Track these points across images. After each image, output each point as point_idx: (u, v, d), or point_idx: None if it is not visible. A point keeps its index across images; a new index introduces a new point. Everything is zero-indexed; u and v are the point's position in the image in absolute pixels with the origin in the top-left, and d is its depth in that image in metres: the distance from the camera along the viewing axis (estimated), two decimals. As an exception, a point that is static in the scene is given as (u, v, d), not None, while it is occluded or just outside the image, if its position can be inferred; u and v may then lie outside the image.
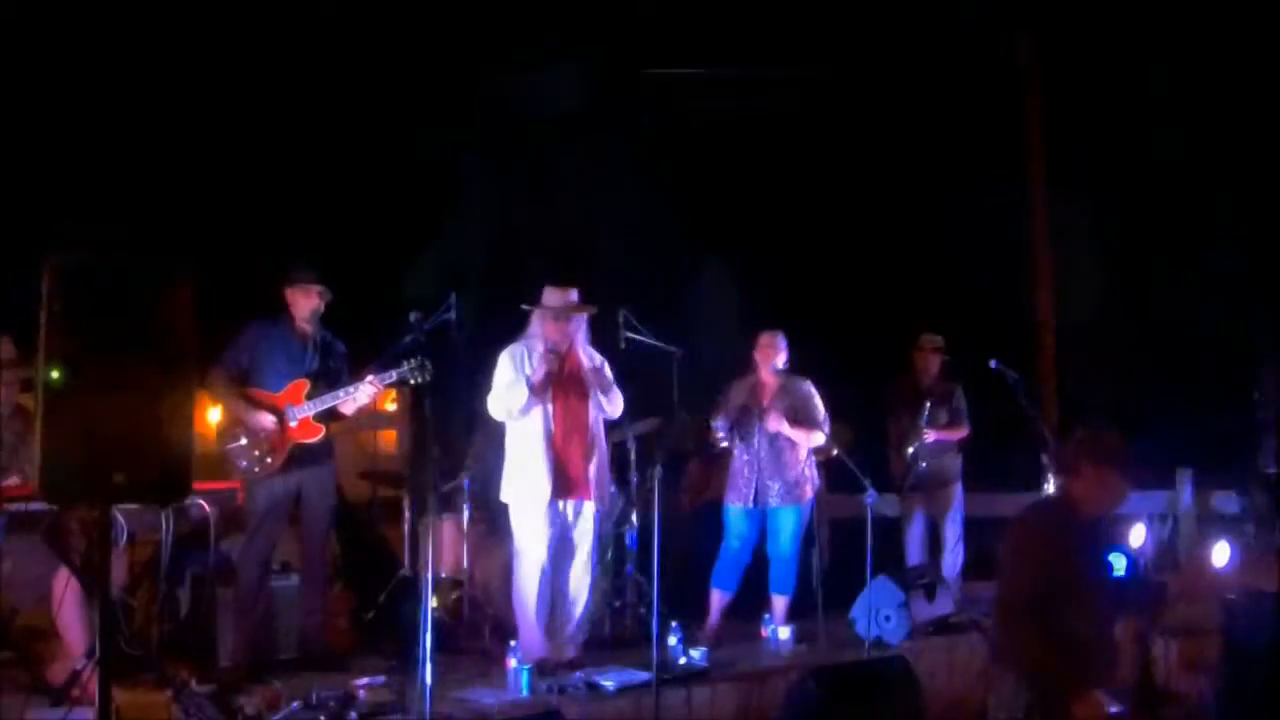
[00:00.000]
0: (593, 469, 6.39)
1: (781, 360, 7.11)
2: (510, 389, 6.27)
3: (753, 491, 7.05)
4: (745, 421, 7.07)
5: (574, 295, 6.42)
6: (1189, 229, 10.75)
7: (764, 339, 7.18)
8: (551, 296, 6.40)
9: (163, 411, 3.73)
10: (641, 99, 10.44)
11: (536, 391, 6.25)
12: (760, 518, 7.10)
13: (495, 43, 9.64)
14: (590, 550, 6.43)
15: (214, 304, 4.24)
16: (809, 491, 7.11)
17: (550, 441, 6.29)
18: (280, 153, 9.09)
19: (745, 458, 7.10)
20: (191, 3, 8.48)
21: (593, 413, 6.42)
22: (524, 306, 6.45)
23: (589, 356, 6.49)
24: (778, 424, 7.00)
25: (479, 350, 6.69)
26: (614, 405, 6.47)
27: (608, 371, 6.51)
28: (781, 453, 7.06)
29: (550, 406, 6.32)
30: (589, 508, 6.40)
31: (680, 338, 7.31)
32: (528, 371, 6.29)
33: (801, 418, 7.05)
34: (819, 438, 7.08)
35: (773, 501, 7.03)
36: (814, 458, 7.21)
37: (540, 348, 6.33)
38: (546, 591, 6.29)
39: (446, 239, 9.45)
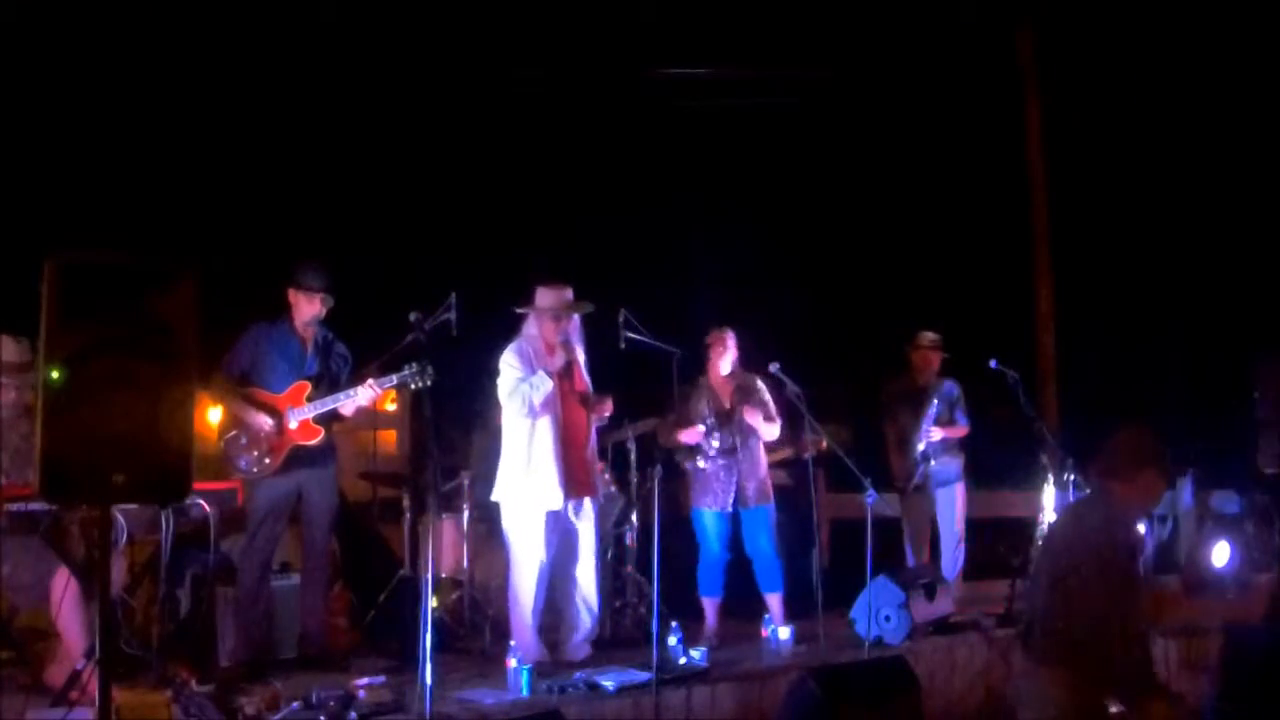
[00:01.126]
0: (592, 466, 6.44)
1: (728, 362, 7.10)
2: (531, 382, 6.22)
3: (731, 495, 7.04)
4: (727, 425, 7.06)
5: (569, 294, 6.41)
6: (1189, 228, 10.76)
7: (715, 337, 7.16)
8: (545, 297, 6.39)
9: (163, 411, 3.73)
10: (642, 98, 10.44)
11: (558, 379, 6.24)
12: (732, 519, 7.09)
13: (497, 42, 9.65)
14: (595, 547, 6.44)
15: (217, 303, 4.24)
16: (771, 486, 7.17)
17: (560, 442, 6.28)
18: (282, 152, 9.10)
19: (721, 462, 7.07)
20: (197, 2, 8.48)
21: (589, 414, 6.45)
22: (518, 310, 6.43)
23: (581, 359, 6.51)
24: (753, 416, 7.00)
25: (478, 350, 6.69)
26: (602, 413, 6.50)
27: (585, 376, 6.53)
28: (754, 453, 7.07)
29: (559, 407, 6.31)
30: (589, 504, 6.43)
31: (679, 337, 7.31)
32: (538, 365, 6.27)
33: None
34: (775, 429, 7.11)
35: (750, 503, 7.04)
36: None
37: (539, 346, 6.33)
38: (544, 594, 6.29)
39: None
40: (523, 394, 6.22)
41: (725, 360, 7.12)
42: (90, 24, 8.16)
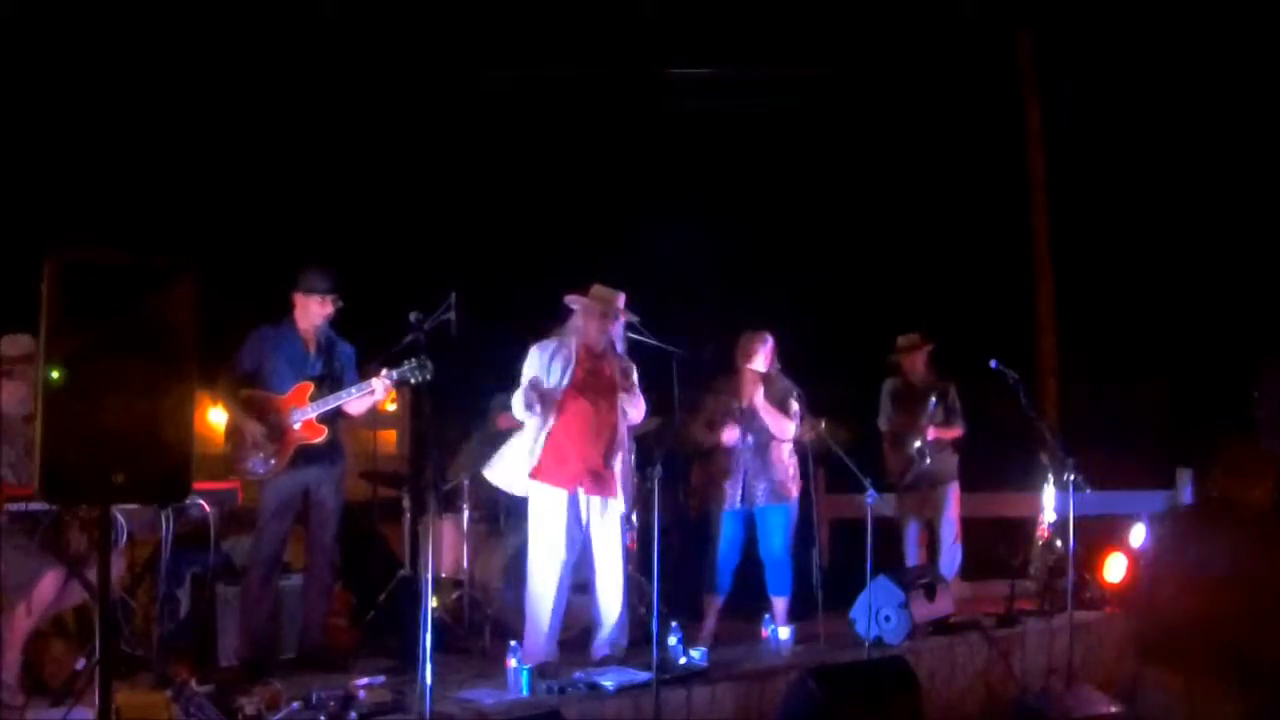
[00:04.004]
0: (618, 468, 6.39)
1: (761, 360, 7.06)
2: (525, 395, 6.21)
3: (739, 492, 7.03)
4: (725, 417, 7.05)
5: (621, 299, 6.41)
6: (1189, 228, 10.76)
7: (744, 339, 7.13)
8: (601, 291, 6.38)
9: (163, 411, 3.73)
10: (642, 98, 10.44)
11: (545, 403, 6.20)
12: (747, 518, 7.09)
13: (498, 43, 9.66)
14: (620, 551, 6.41)
15: (220, 304, 4.23)
16: (794, 490, 7.10)
17: (579, 438, 6.27)
18: (285, 153, 9.10)
19: (731, 459, 7.07)
20: (197, 3, 8.49)
21: (619, 415, 6.41)
22: (570, 298, 6.39)
23: (622, 361, 6.47)
24: (766, 410, 6.95)
25: (478, 350, 6.68)
26: (638, 411, 6.47)
27: (635, 377, 6.50)
28: (768, 452, 7.04)
29: (583, 403, 6.29)
30: (614, 505, 6.39)
31: (679, 336, 7.31)
32: (554, 375, 6.24)
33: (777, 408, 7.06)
34: (790, 428, 7.04)
35: (759, 501, 7.02)
36: (796, 455, 7.19)
37: (574, 343, 6.31)
38: (565, 596, 6.28)
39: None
40: (521, 397, 6.23)
41: (758, 360, 7.08)
42: (91, 24, 8.16)
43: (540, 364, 6.29)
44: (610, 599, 6.40)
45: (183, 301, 3.79)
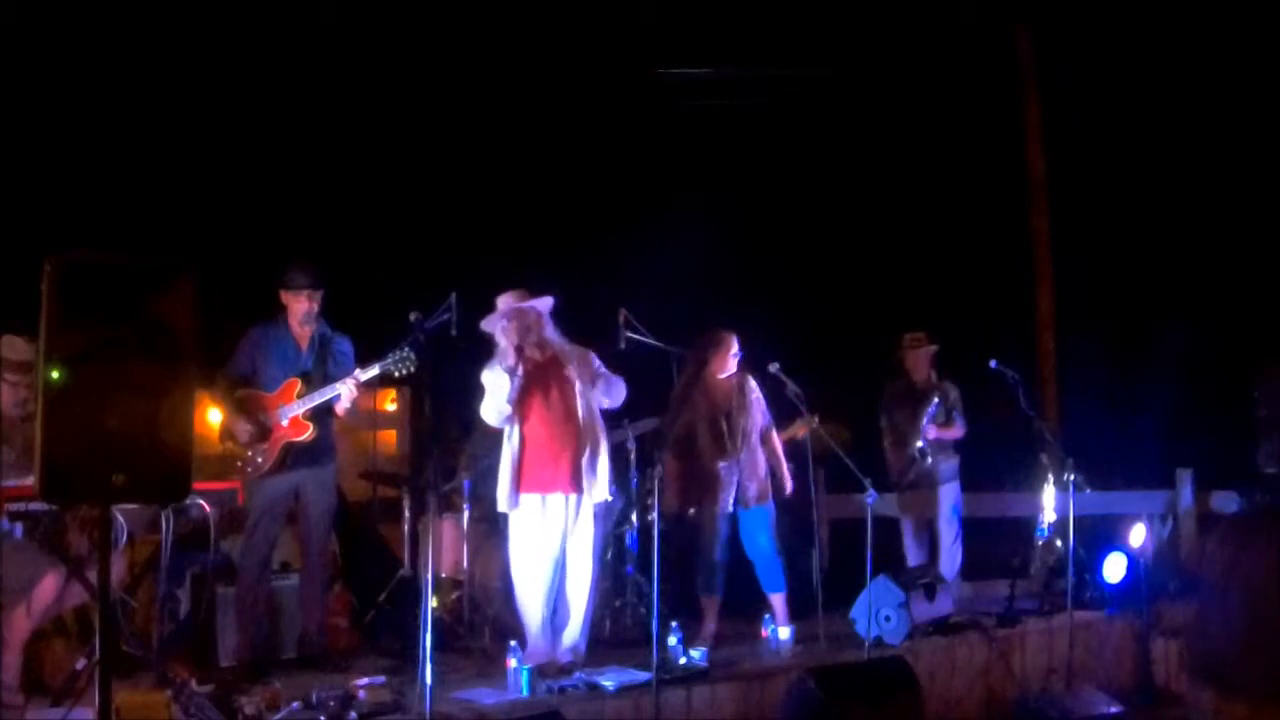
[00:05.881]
0: (585, 463, 6.28)
1: (735, 362, 7.07)
2: (497, 389, 6.17)
3: (732, 495, 7.01)
4: (715, 431, 7.06)
5: (517, 295, 6.28)
6: (1188, 227, 10.76)
7: (724, 339, 7.09)
8: (499, 304, 6.30)
9: (163, 411, 3.73)
10: (642, 97, 10.45)
11: (518, 375, 6.12)
12: (731, 519, 7.07)
13: (498, 43, 9.66)
14: (590, 550, 6.37)
15: (223, 305, 4.24)
16: (782, 488, 7.17)
17: (538, 439, 6.23)
18: (285, 153, 9.11)
19: (723, 463, 7.03)
20: (194, 3, 8.49)
21: (582, 406, 6.32)
22: (482, 325, 6.34)
23: (566, 350, 6.35)
24: (752, 418, 7.02)
25: (478, 350, 6.68)
26: (611, 393, 6.39)
27: (595, 361, 6.43)
28: (755, 454, 7.06)
29: (535, 405, 6.26)
30: (586, 503, 6.32)
31: (679, 336, 7.32)
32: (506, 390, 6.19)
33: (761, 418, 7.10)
34: (777, 441, 7.15)
35: (750, 503, 7.03)
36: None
37: (507, 354, 6.25)
38: (550, 594, 6.27)
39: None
40: (492, 400, 6.19)
41: (727, 364, 7.09)
42: (91, 25, 8.16)
43: (498, 382, 6.22)
44: (577, 602, 6.35)
45: (182, 302, 3.79)
